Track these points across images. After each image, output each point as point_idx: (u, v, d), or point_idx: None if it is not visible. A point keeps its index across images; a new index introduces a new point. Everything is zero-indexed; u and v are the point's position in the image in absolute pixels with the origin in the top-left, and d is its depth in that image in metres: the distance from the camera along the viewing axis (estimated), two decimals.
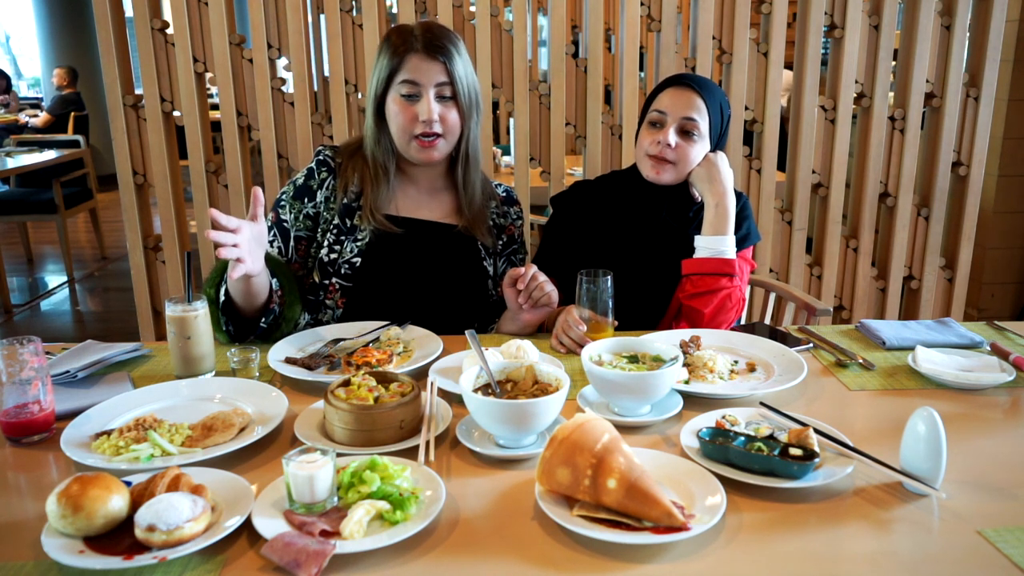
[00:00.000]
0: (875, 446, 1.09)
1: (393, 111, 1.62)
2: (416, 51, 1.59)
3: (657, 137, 1.67)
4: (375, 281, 1.68)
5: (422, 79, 1.59)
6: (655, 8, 2.82)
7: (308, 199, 1.71)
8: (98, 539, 0.89)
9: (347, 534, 0.89)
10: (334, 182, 1.71)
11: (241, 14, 3.59)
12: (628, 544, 0.89)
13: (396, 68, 1.60)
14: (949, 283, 3.19)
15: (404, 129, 1.62)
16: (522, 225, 1.87)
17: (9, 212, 5.07)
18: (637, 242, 1.74)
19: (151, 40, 2.74)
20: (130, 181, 2.86)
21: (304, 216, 1.71)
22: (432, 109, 1.59)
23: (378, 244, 1.68)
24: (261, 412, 1.23)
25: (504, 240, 1.82)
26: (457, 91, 1.61)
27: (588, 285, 1.51)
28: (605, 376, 1.20)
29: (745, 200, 1.80)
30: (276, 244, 1.71)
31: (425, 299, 1.69)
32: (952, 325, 1.62)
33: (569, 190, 1.89)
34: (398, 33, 1.63)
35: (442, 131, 1.62)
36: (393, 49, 1.61)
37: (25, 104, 10.03)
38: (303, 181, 1.72)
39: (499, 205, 1.83)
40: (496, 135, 5.12)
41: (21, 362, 1.16)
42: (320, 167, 1.73)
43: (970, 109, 3.01)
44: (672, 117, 1.66)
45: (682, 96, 1.67)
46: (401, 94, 1.60)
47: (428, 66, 1.59)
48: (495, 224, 1.81)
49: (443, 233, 1.73)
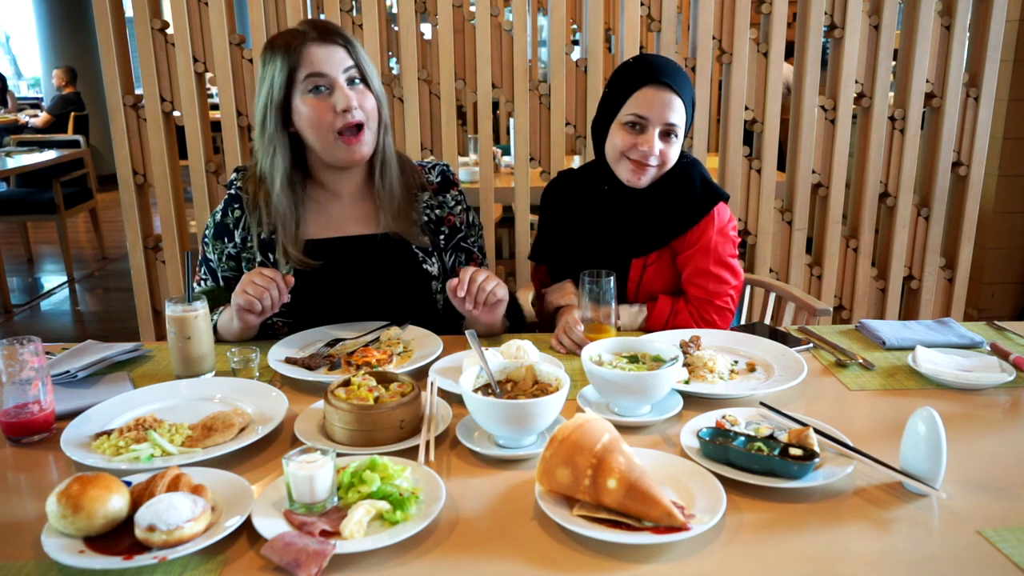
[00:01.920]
0: (875, 446, 1.09)
1: (304, 112, 1.50)
2: (312, 40, 1.48)
3: (637, 142, 1.60)
4: (312, 311, 1.60)
5: (327, 68, 1.48)
6: (655, 8, 2.82)
7: (227, 239, 1.63)
8: (98, 539, 0.89)
9: (347, 534, 0.89)
10: (247, 219, 1.61)
11: (241, 14, 3.60)
12: (628, 544, 0.89)
13: (295, 65, 1.48)
14: (949, 283, 3.19)
15: (323, 127, 1.49)
16: (462, 209, 1.73)
17: (9, 212, 5.07)
18: (619, 230, 1.73)
19: (151, 40, 2.74)
20: (130, 181, 2.86)
21: (227, 257, 1.63)
22: (348, 95, 1.48)
23: (306, 276, 1.58)
24: (261, 412, 1.23)
25: (446, 232, 1.70)
26: (366, 74, 1.52)
27: (590, 286, 1.51)
28: (605, 376, 1.20)
29: (691, 166, 1.69)
30: (208, 282, 1.66)
31: (367, 316, 1.61)
32: (952, 325, 1.62)
33: (554, 180, 1.89)
34: (285, 35, 1.51)
35: (363, 119, 1.51)
36: (286, 48, 1.48)
37: (25, 104, 10.04)
38: (220, 218, 1.64)
39: (432, 195, 1.70)
40: (496, 135, 5.11)
41: (21, 362, 1.16)
42: (231, 203, 1.63)
43: (970, 109, 3.01)
44: (653, 122, 1.58)
45: (660, 97, 1.58)
46: (309, 91, 1.49)
47: (330, 53, 1.48)
48: (431, 218, 1.69)
49: (370, 245, 1.63)
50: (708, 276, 1.69)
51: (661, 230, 1.70)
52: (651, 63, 1.63)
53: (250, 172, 1.64)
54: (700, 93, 2.90)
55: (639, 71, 1.62)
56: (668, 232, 1.69)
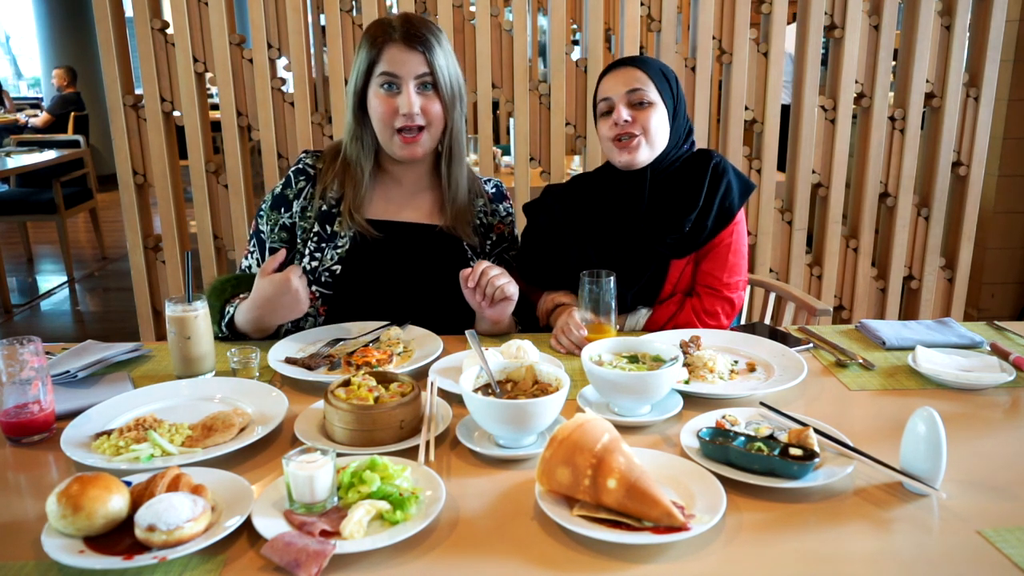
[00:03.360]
0: (875, 446, 1.09)
1: (374, 105, 1.58)
2: (395, 41, 1.55)
3: (611, 120, 1.65)
4: (355, 288, 1.63)
5: (401, 70, 1.55)
6: (655, 8, 2.82)
7: (284, 209, 1.67)
8: (98, 539, 0.89)
9: (347, 534, 0.89)
10: (312, 190, 1.67)
11: (241, 14, 3.59)
12: (628, 544, 0.89)
13: (375, 60, 1.56)
14: (949, 283, 3.19)
15: (385, 123, 1.57)
16: (512, 222, 1.82)
17: (9, 212, 5.06)
18: (618, 234, 1.72)
19: (151, 40, 2.74)
20: (130, 181, 2.86)
21: (280, 227, 1.67)
22: (413, 101, 1.55)
23: (358, 250, 1.63)
24: (261, 412, 1.23)
25: (493, 239, 1.78)
26: (438, 81, 1.57)
27: (590, 286, 1.51)
28: (605, 376, 1.20)
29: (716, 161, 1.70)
30: (255, 255, 1.69)
31: (408, 304, 1.64)
32: (952, 325, 1.62)
33: (541, 196, 1.86)
34: (377, 25, 1.59)
35: (424, 123, 1.57)
36: (372, 41, 1.57)
37: (25, 104, 10.04)
38: (280, 190, 1.69)
39: (487, 203, 1.78)
40: (496, 135, 5.12)
41: (21, 362, 1.16)
42: (298, 176, 1.69)
43: (970, 109, 3.01)
44: (617, 97, 1.65)
45: (618, 76, 1.66)
46: (381, 86, 1.57)
47: (407, 56, 1.54)
48: (482, 223, 1.76)
49: (426, 235, 1.69)
50: (725, 265, 1.70)
51: (700, 232, 1.68)
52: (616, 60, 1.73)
53: (326, 152, 1.71)
54: (700, 93, 2.90)
55: (602, 72, 1.73)
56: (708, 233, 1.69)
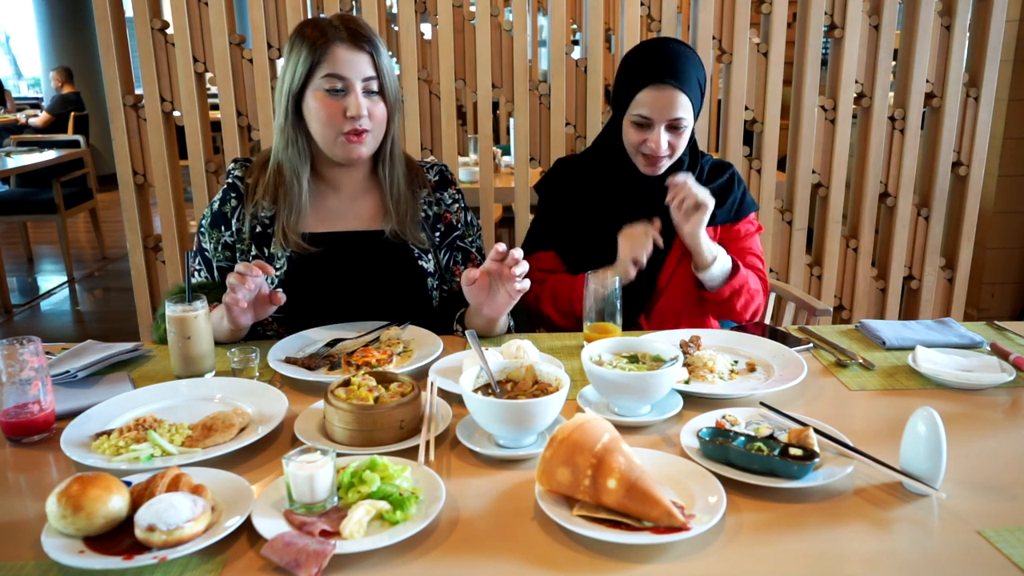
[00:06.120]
0: (875, 446, 1.09)
1: (314, 108, 1.51)
2: (340, 41, 1.49)
3: (646, 138, 1.65)
4: (305, 306, 1.60)
5: (349, 72, 1.49)
6: (655, 8, 2.82)
7: (224, 227, 1.62)
8: (98, 539, 0.89)
9: (347, 534, 0.89)
10: (243, 210, 1.61)
11: (241, 14, 3.59)
12: (628, 544, 0.89)
13: (318, 61, 1.48)
14: (949, 283, 3.19)
15: (330, 126, 1.51)
16: (460, 208, 1.74)
17: (9, 212, 5.06)
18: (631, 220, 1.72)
19: (151, 40, 2.74)
20: (130, 181, 2.86)
21: (222, 245, 1.63)
22: (361, 103, 1.50)
23: (298, 269, 1.59)
24: (261, 412, 1.23)
25: (442, 229, 1.71)
26: (384, 85, 1.53)
27: (596, 286, 1.50)
28: (605, 376, 1.20)
29: (733, 170, 1.84)
30: (203, 273, 1.65)
31: (363, 313, 1.61)
32: (952, 325, 1.62)
33: (552, 170, 1.88)
34: (314, 26, 1.51)
35: (370, 127, 1.53)
36: (312, 42, 1.49)
37: (25, 104, 10.03)
38: (218, 207, 1.63)
39: (431, 192, 1.71)
40: (496, 135, 5.11)
41: (21, 362, 1.16)
42: (229, 193, 1.63)
43: (970, 109, 3.01)
44: (658, 121, 1.63)
45: (663, 97, 1.61)
46: (324, 89, 1.50)
47: (354, 57, 1.49)
48: (428, 215, 1.70)
49: (371, 242, 1.64)
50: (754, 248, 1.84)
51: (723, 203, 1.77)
52: (653, 59, 1.64)
53: (255, 161, 1.65)
54: None
55: (642, 70, 1.64)
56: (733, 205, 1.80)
